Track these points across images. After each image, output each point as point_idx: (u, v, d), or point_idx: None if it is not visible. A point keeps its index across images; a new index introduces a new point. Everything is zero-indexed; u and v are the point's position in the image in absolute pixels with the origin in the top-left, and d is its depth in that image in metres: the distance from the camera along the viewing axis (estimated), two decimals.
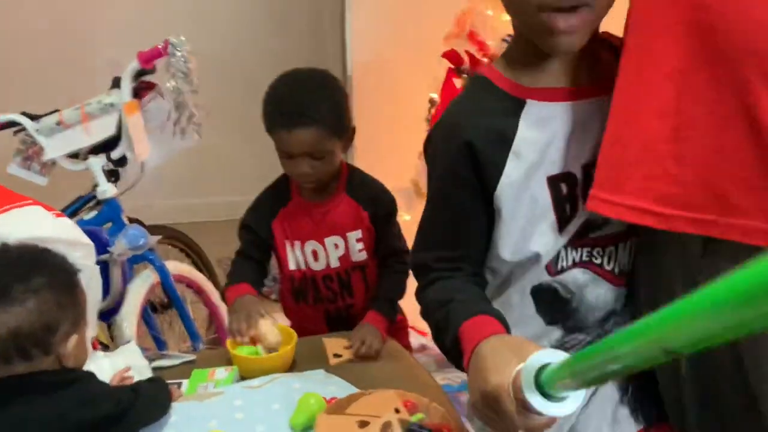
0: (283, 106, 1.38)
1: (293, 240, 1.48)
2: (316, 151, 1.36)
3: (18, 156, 1.84)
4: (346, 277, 1.50)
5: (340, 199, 1.47)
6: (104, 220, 1.68)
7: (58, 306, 0.83)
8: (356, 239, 1.47)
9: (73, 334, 0.85)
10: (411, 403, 1.11)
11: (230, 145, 3.51)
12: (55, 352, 0.84)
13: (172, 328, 2.01)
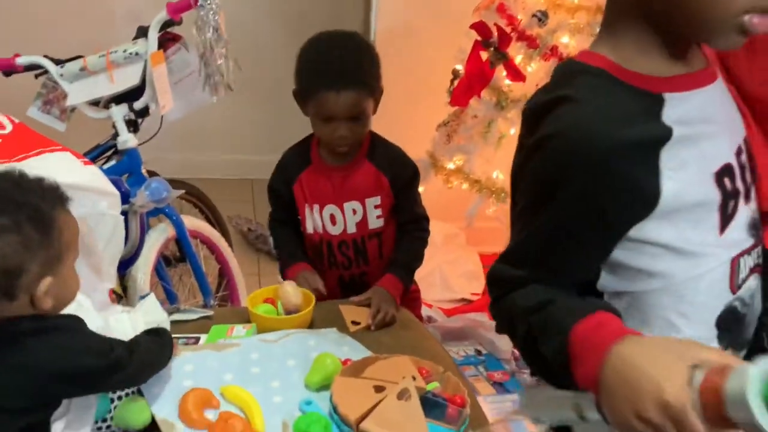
0: (329, 67, 1.35)
1: (312, 203, 1.48)
2: (358, 112, 1.36)
3: (38, 100, 1.83)
4: (362, 244, 1.50)
5: (361, 164, 1.47)
6: (123, 171, 1.67)
7: (25, 248, 0.76)
8: (374, 205, 1.47)
9: (46, 276, 0.79)
10: (426, 371, 1.12)
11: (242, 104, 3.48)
12: (23, 295, 0.78)
13: (182, 282, 2.01)
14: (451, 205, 2.33)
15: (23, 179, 0.82)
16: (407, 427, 0.97)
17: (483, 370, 1.94)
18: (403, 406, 0.99)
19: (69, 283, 0.85)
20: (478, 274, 2.58)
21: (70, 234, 0.84)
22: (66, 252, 0.82)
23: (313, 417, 0.98)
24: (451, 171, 2.33)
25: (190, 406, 0.97)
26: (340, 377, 1.07)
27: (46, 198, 0.82)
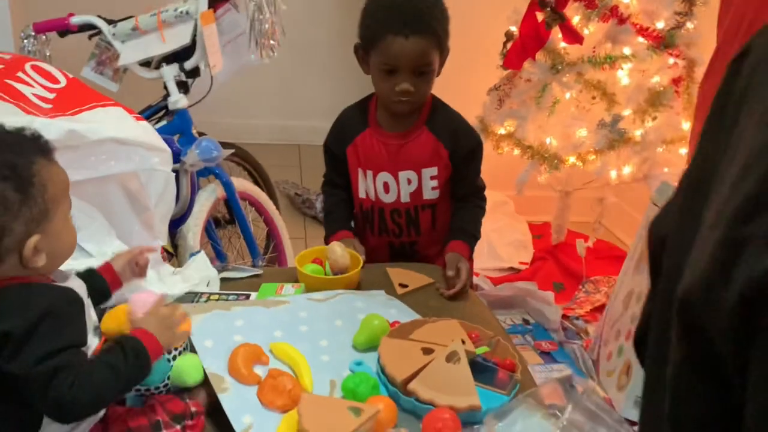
0: (401, 9, 1.30)
1: (366, 168, 1.44)
2: (424, 64, 1.30)
3: (92, 60, 1.84)
4: (414, 213, 1.46)
5: (420, 132, 1.41)
6: (174, 131, 1.68)
7: (4, 207, 0.72)
8: (431, 176, 1.42)
9: (33, 235, 0.74)
10: (476, 335, 1.10)
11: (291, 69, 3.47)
12: (10, 256, 0.74)
13: (231, 244, 2.04)
14: (500, 171, 2.27)
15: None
16: (455, 389, 0.95)
17: (530, 339, 1.91)
18: (451, 368, 0.98)
19: (62, 238, 0.80)
20: (526, 243, 2.53)
21: (56, 188, 0.78)
22: (54, 207, 0.77)
23: (361, 377, 0.98)
24: (501, 136, 2.27)
25: (240, 361, 0.97)
26: (387, 338, 1.06)
27: (25, 152, 0.76)
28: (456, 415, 0.91)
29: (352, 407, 0.88)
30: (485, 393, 0.99)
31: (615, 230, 2.72)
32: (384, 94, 1.36)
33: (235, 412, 0.91)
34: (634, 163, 2.09)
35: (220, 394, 0.92)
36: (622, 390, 1.70)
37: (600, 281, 2.30)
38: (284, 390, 0.94)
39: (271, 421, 0.91)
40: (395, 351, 1.03)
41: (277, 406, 0.93)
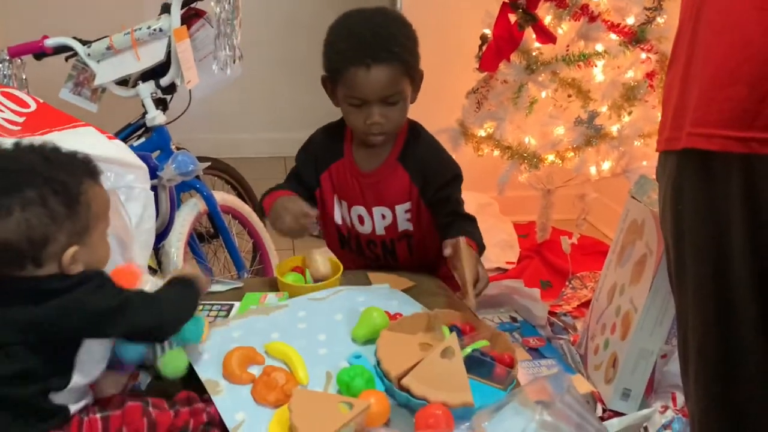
0: (361, 40, 1.23)
1: (340, 198, 1.41)
2: (393, 93, 1.24)
3: (69, 81, 1.86)
4: (391, 245, 1.44)
5: (392, 169, 1.35)
6: (153, 148, 1.70)
7: (51, 219, 0.81)
8: (405, 210, 1.39)
9: (73, 246, 0.83)
10: (471, 328, 1.11)
11: (275, 81, 3.49)
12: (50, 263, 0.83)
13: (217, 257, 2.04)
14: (483, 174, 2.29)
15: (53, 154, 0.86)
16: (449, 385, 0.95)
17: (518, 336, 1.92)
18: (445, 364, 0.98)
19: (98, 251, 0.89)
20: (512, 243, 2.55)
21: (98, 206, 0.88)
22: (94, 223, 0.87)
23: (356, 370, 0.97)
24: (481, 138, 2.29)
25: (234, 363, 0.98)
26: (387, 332, 1.06)
27: (75, 172, 0.85)
28: (449, 411, 0.91)
29: (343, 402, 0.89)
30: (482, 387, 0.99)
31: (599, 225, 2.75)
32: (355, 127, 1.31)
33: (228, 410, 0.92)
34: (612, 159, 2.11)
35: (214, 396, 0.93)
36: (610, 383, 1.71)
37: (586, 277, 2.32)
38: (276, 385, 0.95)
39: (263, 416, 0.92)
40: (393, 345, 1.03)
41: (270, 401, 0.94)
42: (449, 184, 1.36)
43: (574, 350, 1.90)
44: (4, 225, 0.79)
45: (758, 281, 0.93)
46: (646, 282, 1.64)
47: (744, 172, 0.90)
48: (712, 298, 0.98)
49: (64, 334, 0.82)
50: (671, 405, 1.61)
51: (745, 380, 0.98)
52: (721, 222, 0.95)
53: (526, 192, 2.50)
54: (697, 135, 0.93)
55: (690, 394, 1.09)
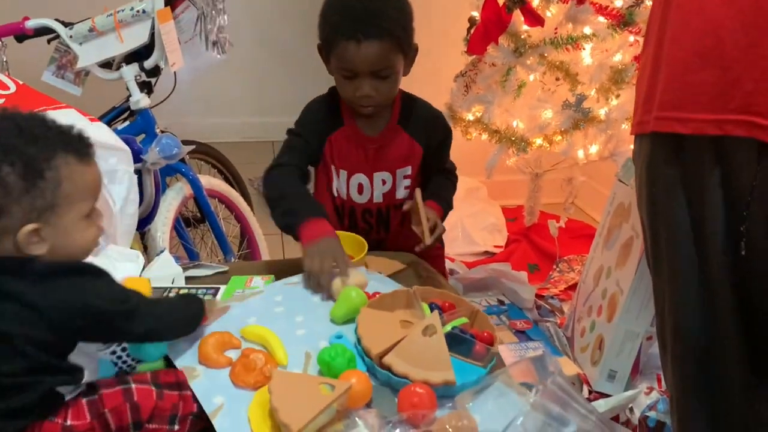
0: (352, 13, 1.23)
1: (339, 168, 1.41)
2: (383, 68, 1.25)
3: (52, 64, 1.83)
4: (386, 213, 1.45)
5: (395, 133, 1.39)
6: (138, 131, 1.68)
7: (5, 192, 0.76)
8: (404, 175, 1.41)
9: (30, 224, 0.77)
10: (450, 305, 1.11)
11: (262, 65, 3.46)
12: (4, 238, 0.78)
13: (204, 242, 2.03)
14: (471, 158, 2.29)
15: (28, 124, 0.80)
16: (431, 364, 0.95)
17: (505, 319, 1.93)
18: (427, 342, 0.98)
19: (71, 236, 0.82)
20: (500, 227, 2.56)
21: (74, 186, 0.81)
22: (66, 203, 0.80)
23: (337, 349, 0.96)
24: (470, 122, 2.28)
25: (210, 348, 0.97)
26: (367, 309, 1.06)
27: (48, 146, 0.79)
28: (432, 390, 0.91)
29: (323, 383, 0.88)
30: (462, 365, 0.99)
31: (586, 209, 2.76)
32: (347, 97, 1.33)
33: (206, 394, 0.90)
34: (600, 142, 2.11)
35: (191, 381, 0.92)
36: (596, 365, 1.73)
37: (573, 260, 2.33)
38: (255, 367, 0.94)
39: (242, 399, 0.91)
40: (373, 323, 1.03)
41: (249, 383, 0.93)
42: (445, 141, 1.46)
43: (560, 333, 1.91)
44: None
45: (734, 263, 0.94)
46: (632, 264, 1.65)
47: (717, 154, 0.91)
48: (688, 280, 0.99)
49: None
50: (656, 386, 1.63)
51: (722, 361, 0.99)
52: (695, 204, 0.95)
53: (514, 176, 2.51)
54: (668, 119, 0.93)
55: (668, 375, 1.10)
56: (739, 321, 0.97)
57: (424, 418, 0.80)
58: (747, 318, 0.96)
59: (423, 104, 1.44)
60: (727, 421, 1.03)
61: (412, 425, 0.80)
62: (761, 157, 0.87)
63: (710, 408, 1.03)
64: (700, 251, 0.96)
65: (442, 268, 1.62)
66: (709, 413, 1.04)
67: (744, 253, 0.92)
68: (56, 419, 0.79)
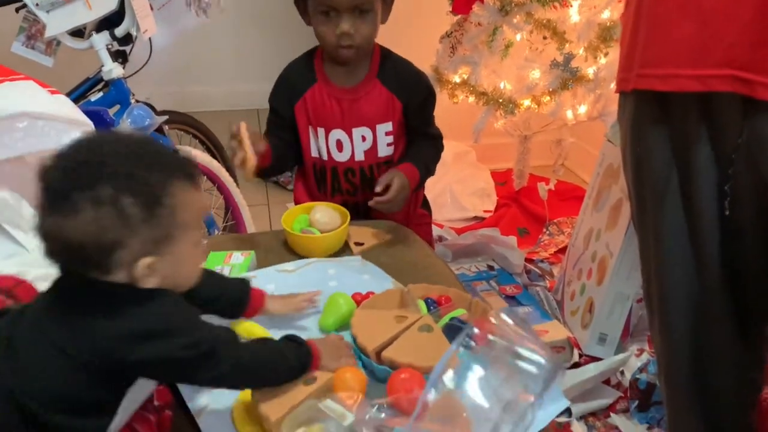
0: None
1: (317, 126, 1.38)
2: (363, 2, 1.24)
3: (21, 34, 1.76)
4: (369, 172, 1.41)
5: (372, 86, 1.35)
6: (111, 102, 1.62)
7: (124, 223, 0.68)
8: (385, 132, 1.37)
9: (147, 256, 0.71)
10: (446, 298, 1.08)
11: (242, 30, 3.37)
12: (119, 271, 0.71)
13: None
14: (459, 121, 2.24)
15: (141, 147, 0.73)
16: (431, 354, 0.91)
17: (495, 284, 1.91)
18: (426, 336, 0.96)
19: (183, 265, 0.76)
20: (489, 191, 2.52)
21: (188, 214, 0.74)
22: (180, 233, 0.73)
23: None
24: (456, 85, 2.22)
25: None
26: (359, 310, 1.03)
27: (164, 171, 0.72)
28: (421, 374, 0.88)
29: (305, 378, 0.85)
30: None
31: (576, 170, 2.72)
32: (325, 41, 1.30)
33: (190, 394, 0.88)
34: (588, 102, 2.06)
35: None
36: (586, 328, 1.71)
37: (563, 222, 2.31)
38: None
39: (227, 397, 0.88)
40: (367, 321, 1.00)
41: None
42: (427, 101, 1.40)
43: (550, 296, 1.90)
44: (70, 224, 0.67)
45: (722, 222, 0.92)
46: (622, 226, 1.63)
47: (703, 112, 0.88)
48: (674, 242, 0.97)
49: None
50: (647, 348, 1.62)
51: (710, 321, 0.98)
52: (681, 164, 0.93)
53: (502, 139, 2.46)
54: (650, 76, 0.90)
55: (655, 338, 1.08)
56: (726, 283, 0.95)
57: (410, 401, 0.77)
58: (734, 279, 0.95)
59: (404, 61, 1.40)
60: (715, 384, 1.02)
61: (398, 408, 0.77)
62: (746, 115, 0.84)
63: (698, 371, 1.02)
64: (687, 212, 0.94)
65: (429, 236, 1.59)
66: (697, 376, 1.03)
67: (728, 213, 0.90)
68: None
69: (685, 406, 1.07)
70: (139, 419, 0.79)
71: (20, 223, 0.96)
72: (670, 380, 1.10)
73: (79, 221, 0.67)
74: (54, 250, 0.70)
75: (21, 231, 0.96)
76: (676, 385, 1.08)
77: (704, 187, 0.91)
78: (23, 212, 0.97)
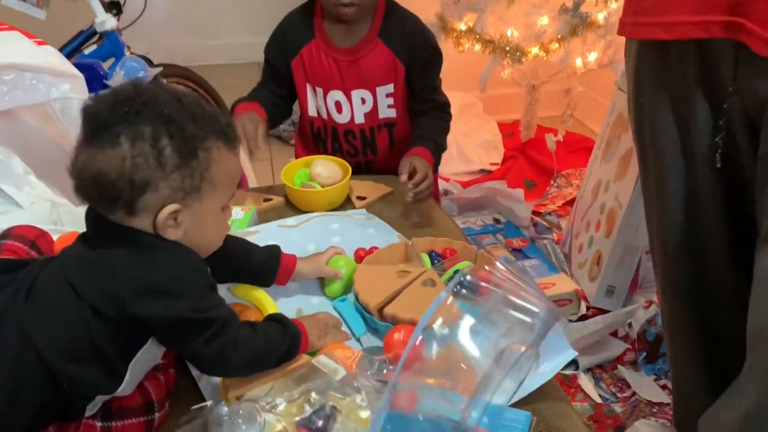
0: None
1: (314, 85, 1.32)
2: None
3: None
4: (370, 135, 1.36)
5: (373, 46, 1.26)
6: (105, 55, 1.58)
7: (158, 164, 0.69)
8: (386, 94, 1.30)
9: (173, 204, 0.70)
10: (451, 251, 1.06)
11: None
12: (144, 215, 0.70)
13: None
14: (464, 71, 2.18)
15: (187, 99, 0.73)
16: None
17: (501, 238, 1.89)
18: (429, 291, 0.94)
19: (207, 227, 0.75)
20: (496, 143, 2.47)
21: (220, 173, 0.73)
22: (209, 189, 0.73)
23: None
24: (461, 33, 2.15)
25: None
26: (362, 266, 1.01)
27: (205, 126, 0.72)
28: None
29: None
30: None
31: (585, 121, 2.66)
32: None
33: None
34: (599, 49, 2.00)
35: None
36: (594, 280, 1.69)
37: (571, 174, 2.26)
38: None
39: None
40: (369, 277, 0.98)
41: None
42: (432, 62, 1.30)
43: (557, 249, 1.88)
44: (106, 156, 0.68)
45: (721, 173, 0.89)
46: (632, 177, 1.59)
47: (701, 62, 0.85)
48: (675, 192, 0.94)
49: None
50: (655, 300, 1.60)
51: (710, 272, 0.97)
52: (680, 115, 0.90)
53: (510, 89, 2.40)
54: (652, 24, 0.85)
55: (659, 288, 1.07)
56: (726, 234, 0.93)
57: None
58: (733, 230, 0.93)
59: (410, 18, 1.31)
60: (715, 335, 1.01)
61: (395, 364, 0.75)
62: (738, 66, 0.80)
63: (700, 322, 1.01)
64: (689, 163, 0.92)
65: (436, 192, 1.56)
66: (699, 326, 1.02)
67: (719, 166, 0.88)
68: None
69: (687, 347, 1.06)
70: (150, 378, 0.80)
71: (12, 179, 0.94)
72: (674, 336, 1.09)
73: (115, 155, 0.67)
74: (85, 184, 0.70)
75: (13, 187, 0.94)
76: (679, 337, 1.07)
77: (703, 137, 0.88)
78: (14, 168, 0.94)
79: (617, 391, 1.48)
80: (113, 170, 0.67)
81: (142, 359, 0.74)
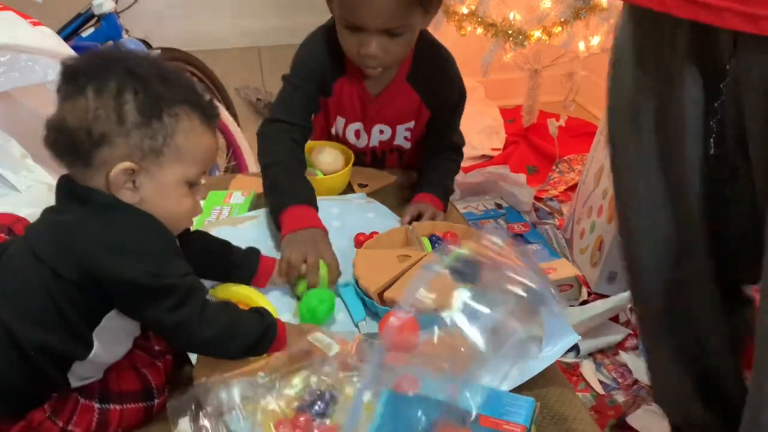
0: None
1: (336, 115, 1.26)
2: (395, 26, 1.03)
3: None
4: (381, 155, 1.33)
5: (400, 89, 1.19)
6: (103, 38, 1.56)
7: (117, 119, 0.68)
8: (405, 128, 1.25)
9: (127, 162, 0.69)
10: (452, 234, 1.05)
11: None
12: (98, 169, 0.70)
13: None
14: (467, 56, 2.14)
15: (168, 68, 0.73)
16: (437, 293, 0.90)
17: (503, 222, 1.88)
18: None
19: (166, 197, 0.73)
20: (498, 128, 2.46)
21: (187, 144, 0.72)
22: (172, 156, 0.72)
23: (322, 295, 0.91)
24: (463, 16, 2.13)
25: None
26: (362, 250, 1.00)
27: (177, 93, 0.72)
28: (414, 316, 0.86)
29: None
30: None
31: (588, 106, 2.64)
32: (349, 51, 1.10)
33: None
34: (602, 32, 1.98)
35: None
36: (596, 266, 1.69)
37: (573, 160, 2.25)
38: None
39: None
40: (369, 262, 0.97)
41: None
42: (458, 106, 1.25)
43: (559, 234, 1.87)
44: (73, 105, 0.69)
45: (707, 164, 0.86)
46: None
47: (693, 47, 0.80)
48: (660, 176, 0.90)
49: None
50: None
51: (691, 259, 0.93)
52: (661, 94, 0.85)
53: (512, 74, 2.38)
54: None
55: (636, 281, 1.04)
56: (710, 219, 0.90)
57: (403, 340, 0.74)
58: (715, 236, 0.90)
59: (440, 64, 1.20)
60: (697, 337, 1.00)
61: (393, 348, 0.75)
62: (736, 51, 0.77)
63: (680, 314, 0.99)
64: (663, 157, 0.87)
65: None
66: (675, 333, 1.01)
67: (713, 152, 0.84)
68: (58, 421, 0.72)
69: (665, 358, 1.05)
70: (148, 366, 0.79)
71: (10, 162, 0.93)
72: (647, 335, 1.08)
73: (79, 105, 0.68)
74: (51, 133, 0.71)
75: (10, 171, 0.93)
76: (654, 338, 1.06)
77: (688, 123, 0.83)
78: (12, 151, 0.93)
79: (618, 377, 1.48)
80: (75, 119, 0.68)
81: (108, 328, 0.73)
